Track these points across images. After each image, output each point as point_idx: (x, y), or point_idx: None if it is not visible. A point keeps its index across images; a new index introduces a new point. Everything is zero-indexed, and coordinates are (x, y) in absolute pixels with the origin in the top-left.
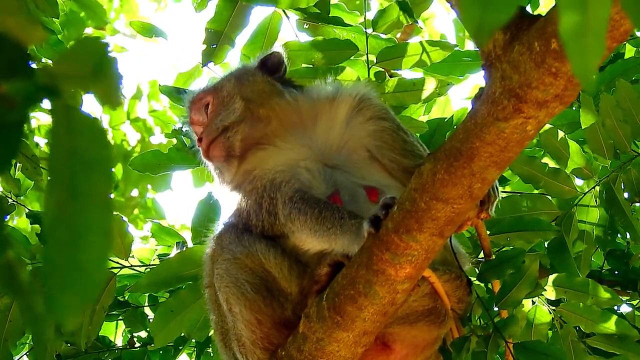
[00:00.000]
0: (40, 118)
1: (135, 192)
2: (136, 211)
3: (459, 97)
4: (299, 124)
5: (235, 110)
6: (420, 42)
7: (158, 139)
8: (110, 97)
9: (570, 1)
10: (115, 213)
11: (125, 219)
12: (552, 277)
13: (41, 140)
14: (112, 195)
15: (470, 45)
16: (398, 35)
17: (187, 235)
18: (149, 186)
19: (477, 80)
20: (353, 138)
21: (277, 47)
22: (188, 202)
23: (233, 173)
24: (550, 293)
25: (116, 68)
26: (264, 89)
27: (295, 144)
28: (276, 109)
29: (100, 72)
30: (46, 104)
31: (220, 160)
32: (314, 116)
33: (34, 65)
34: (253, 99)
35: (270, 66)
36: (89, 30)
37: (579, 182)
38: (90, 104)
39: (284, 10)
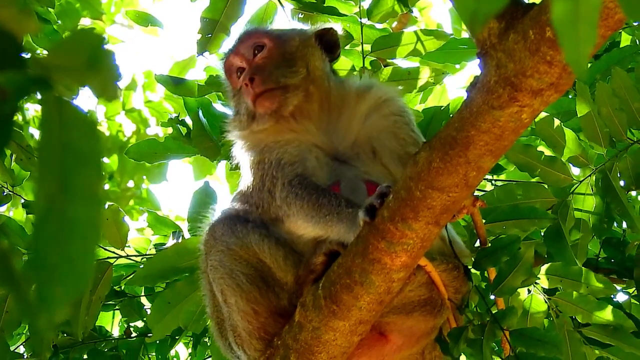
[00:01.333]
0: (37, 109)
1: (130, 183)
2: (132, 202)
3: (455, 86)
4: (326, 112)
5: (298, 73)
6: (415, 32)
7: (153, 130)
8: (106, 90)
9: None
10: (111, 203)
11: (121, 209)
12: (546, 266)
13: (36, 132)
14: (106, 186)
15: (466, 34)
16: (394, 25)
17: (183, 226)
18: (144, 177)
19: (473, 69)
20: (366, 134)
21: (335, 25)
22: (183, 194)
23: (263, 129)
24: (545, 282)
25: (113, 61)
26: (319, 67)
27: (315, 129)
28: (320, 91)
29: (95, 64)
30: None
31: (266, 112)
32: (340, 108)
33: (27, 55)
34: (311, 71)
35: (325, 42)
36: (86, 21)
37: (575, 170)
38: (86, 96)
39: (279, 0)
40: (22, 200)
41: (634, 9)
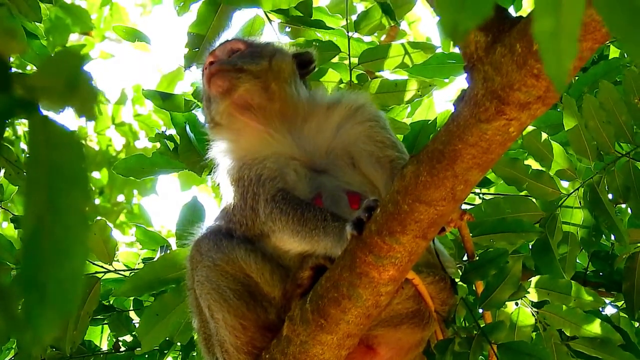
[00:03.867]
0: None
1: (121, 198)
2: (122, 217)
3: (443, 99)
4: (292, 119)
5: (259, 64)
6: (402, 44)
7: (143, 143)
8: (85, 110)
9: (545, 4)
10: (99, 218)
11: (109, 224)
12: (535, 279)
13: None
14: (97, 201)
15: (454, 48)
16: (382, 38)
17: (173, 241)
18: (135, 191)
19: (462, 82)
20: (342, 143)
21: (311, 50)
22: (174, 207)
23: (219, 112)
24: (533, 295)
25: (90, 82)
26: (286, 69)
27: (288, 139)
28: (282, 92)
29: (74, 86)
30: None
31: (218, 91)
32: (306, 117)
33: (14, 70)
34: (275, 69)
35: (301, 61)
36: (75, 36)
37: (562, 183)
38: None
39: (266, 14)
40: (11, 215)
41: (616, 24)
